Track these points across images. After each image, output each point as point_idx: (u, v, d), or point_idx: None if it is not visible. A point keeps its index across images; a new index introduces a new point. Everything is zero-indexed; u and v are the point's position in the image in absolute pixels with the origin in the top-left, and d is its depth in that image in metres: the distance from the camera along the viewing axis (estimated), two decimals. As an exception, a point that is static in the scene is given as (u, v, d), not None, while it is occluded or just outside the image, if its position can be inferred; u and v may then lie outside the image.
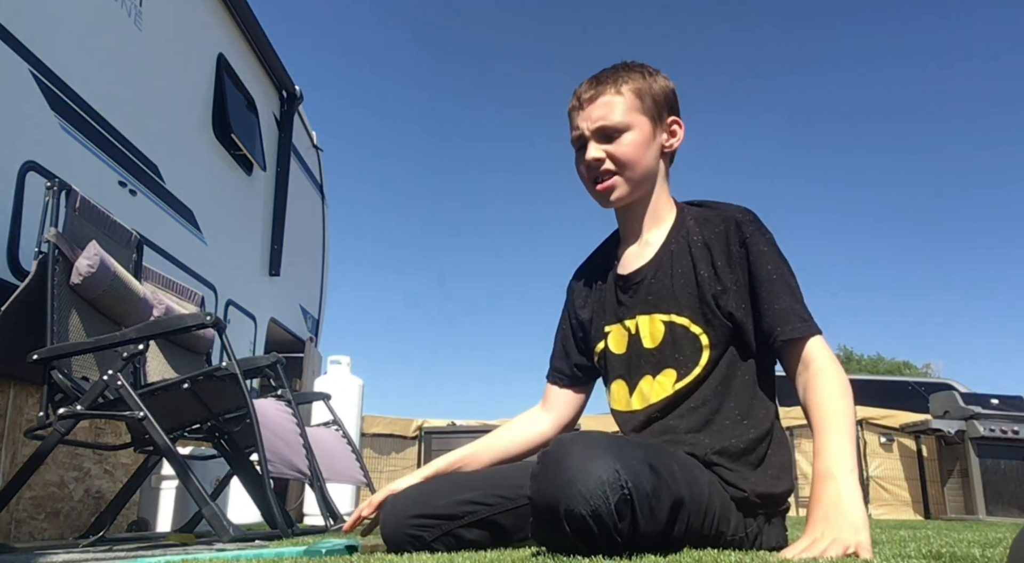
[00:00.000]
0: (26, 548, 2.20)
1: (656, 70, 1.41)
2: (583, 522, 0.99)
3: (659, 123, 1.39)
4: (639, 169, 1.37)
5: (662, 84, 1.40)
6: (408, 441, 7.38)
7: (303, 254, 5.71)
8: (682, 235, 1.37)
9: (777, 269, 1.28)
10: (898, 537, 2.00)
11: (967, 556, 1.11)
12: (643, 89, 1.37)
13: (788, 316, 1.25)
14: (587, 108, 1.37)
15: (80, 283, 2.34)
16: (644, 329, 1.36)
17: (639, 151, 1.36)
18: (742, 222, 1.31)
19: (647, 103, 1.37)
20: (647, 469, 1.04)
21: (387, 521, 1.39)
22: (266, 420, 2.36)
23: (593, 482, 0.99)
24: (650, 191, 1.40)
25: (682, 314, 1.32)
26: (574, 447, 1.04)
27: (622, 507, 0.99)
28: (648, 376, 1.35)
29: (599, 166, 1.37)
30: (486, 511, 1.34)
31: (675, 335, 1.32)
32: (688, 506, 1.10)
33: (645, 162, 1.37)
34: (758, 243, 1.29)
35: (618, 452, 1.03)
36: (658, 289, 1.36)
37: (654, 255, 1.38)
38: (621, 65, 1.41)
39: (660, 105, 1.39)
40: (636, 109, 1.36)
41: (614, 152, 1.36)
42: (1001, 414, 6.32)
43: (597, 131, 1.37)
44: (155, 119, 3.51)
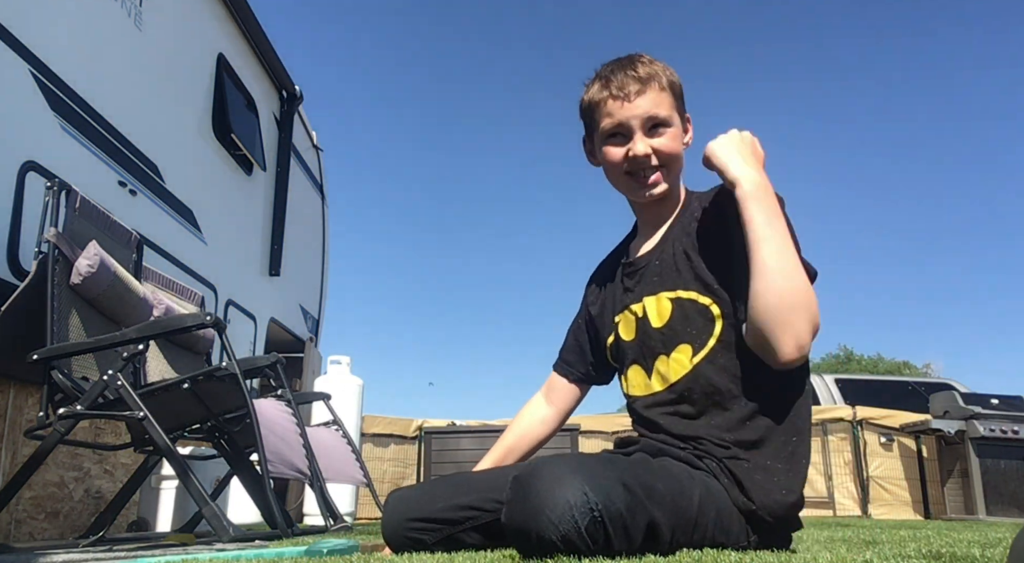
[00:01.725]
0: (26, 548, 2.20)
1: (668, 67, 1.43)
2: (555, 547, 0.98)
3: (682, 120, 1.41)
4: (680, 164, 1.40)
5: (679, 79, 1.42)
6: (408, 441, 7.37)
7: (303, 254, 5.71)
8: (685, 215, 1.39)
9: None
10: (898, 537, 2.00)
11: (967, 556, 1.11)
12: (676, 86, 1.40)
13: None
14: (635, 100, 1.35)
15: (80, 283, 2.34)
16: (651, 310, 1.35)
17: (679, 145, 1.38)
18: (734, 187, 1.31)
19: (679, 101, 1.40)
20: (620, 488, 1.02)
21: (387, 524, 1.38)
22: (266, 420, 2.36)
23: (561, 507, 0.98)
24: (677, 186, 1.44)
25: (688, 288, 1.31)
26: (542, 472, 1.03)
27: (593, 529, 0.98)
28: (663, 356, 1.33)
29: (648, 161, 1.37)
30: (486, 516, 1.33)
31: (684, 310, 1.31)
32: (670, 522, 1.08)
33: (682, 157, 1.40)
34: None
35: (587, 474, 1.02)
36: (661, 268, 1.36)
37: (659, 240, 1.40)
38: (646, 59, 1.40)
39: (682, 101, 1.41)
40: (674, 106, 1.38)
41: (660, 147, 1.36)
42: (1001, 414, 6.32)
43: (647, 123, 1.36)
44: (155, 119, 3.51)
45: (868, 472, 6.78)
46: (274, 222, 5.02)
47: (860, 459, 6.80)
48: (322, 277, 6.25)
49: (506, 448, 1.62)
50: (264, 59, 4.85)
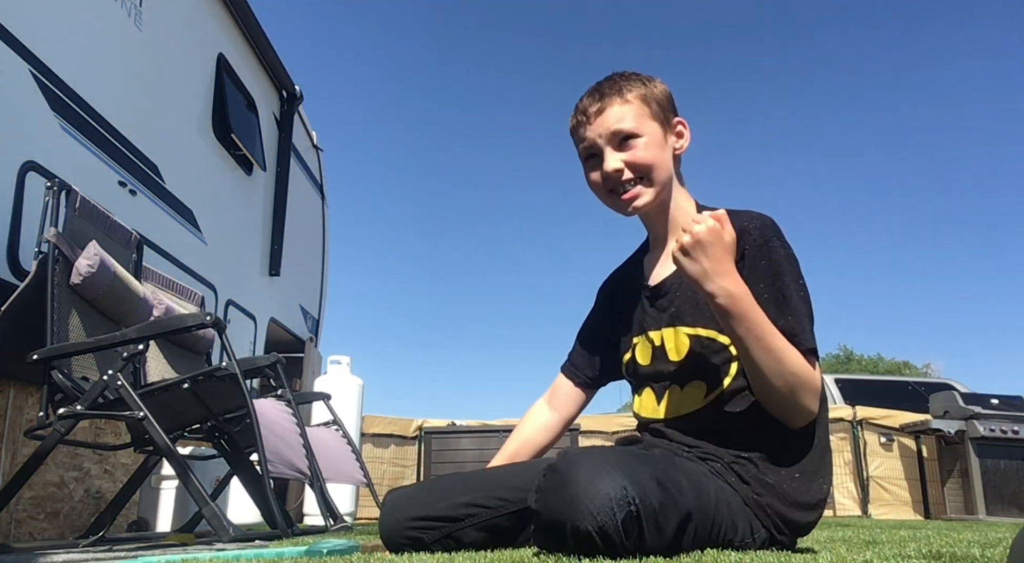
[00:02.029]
0: (26, 548, 2.20)
1: (650, 76, 1.42)
2: (590, 538, 0.99)
3: (667, 126, 1.39)
4: (661, 171, 1.37)
5: (661, 88, 1.40)
6: (408, 441, 7.37)
7: (303, 254, 5.71)
8: None
9: (770, 288, 1.24)
10: (898, 537, 2.00)
11: (967, 556, 1.11)
12: (647, 95, 1.37)
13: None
14: (596, 120, 1.37)
15: (80, 283, 2.34)
16: (669, 342, 1.35)
17: (656, 153, 1.36)
18: (747, 231, 1.28)
19: (654, 108, 1.37)
20: (655, 485, 1.04)
21: (386, 523, 1.38)
22: (266, 420, 2.36)
23: (601, 499, 0.98)
24: (669, 195, 1.41)
25: (708, 326, 1.30)
26: (582, 463, 1.03)
27: (629, 523, 0.99)
28: (676, 387, 1.34)
29: (620, 176, 1.36)
30: (487, 514, 1.33)
31: (702, 347, 1.30)
32: (695, 519, 1.10)
33: (664, 165, 1.37)
34: (756, 257, 1.26)
35: (626, 468, 1.03)
36: (682, 301, 1.34)
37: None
38: (618, 75, 1.41)
39: (665, 108, 1.39)
40: (645, 115, 1.36)
41: (632, 159, 1.35)
42: (1001, 414, 6.32)
43: (612, 139, 1.36)
44: (155, 119, 3.51)
45: (868, 472, 6.78)
46: (274, 222, 5.02)
47: (860, 459, 6.80)
48: (322, 277, 6.25)
49: (509, 455, 1.61)
50: (264, 59, 4.85)
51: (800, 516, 1.25)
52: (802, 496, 1.24)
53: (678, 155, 1.42)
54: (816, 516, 1.27)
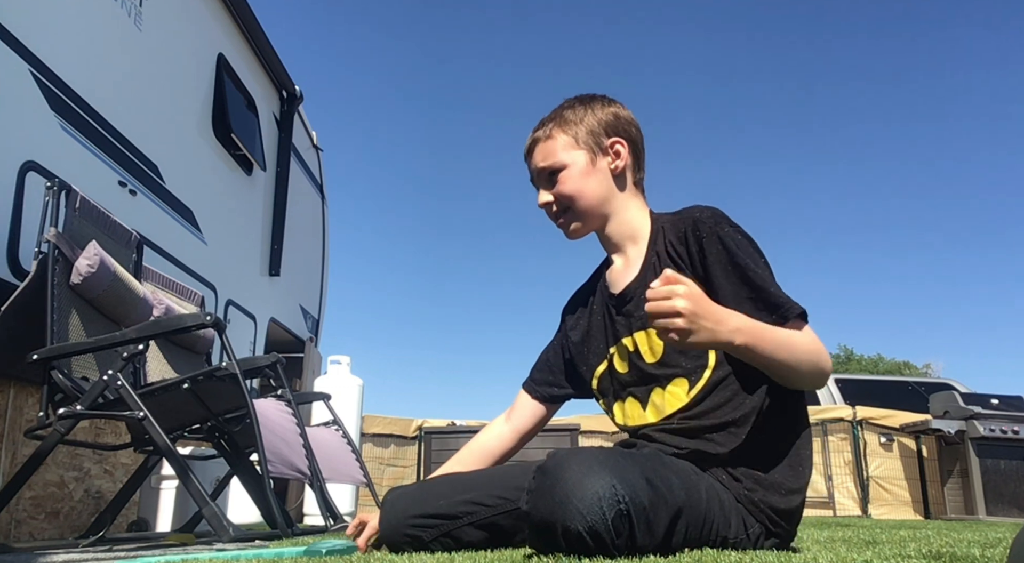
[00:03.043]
0: (26, 548, 2.20)
1: (594, 99, 1.45)
2: (580, 538, 0.99)
3: (597, 151, 1.42)
4: (583, 201, 1.41)
5: (597, 114, 1.43)
6: (408, 441, 7.37)
7: (303, 254, 5.71)
8: (660, 245, 1.39)
9: (728, 272, 1.27)
10: (898, 537, 2.00)
11: (967, 556, 1.11)
12: (572, 124, 1.43)
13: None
14: (528, 158, 1.47)
15: (80, 283, 2.34)
16: (643, 345, 1.36)
17: (578, 184, 1.41)
18: (699, 221, 1.31)
19: (581, 136, 1.42)
20: (644, 483, 1.04)
21: (386, 520, 1.39)
22: (266, 420, 2.36)
23: (590, 498, 0.98)
24: (610, 214, 1.44)
25: None
26: (571, 462, 1.03)
27: (619, 522, 0.99)
28: (658, 388, 1.34)
29: (549, 209, 1.45)
30: (486, 512, 1.34)
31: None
32: (686, 517, 1.10)
33: (588, 192, 1.41)
34: (711, 244, 1.29)
35: (615, 467, 1.03)
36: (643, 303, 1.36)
37: (639, 271, 1.40)
38: (559, 106, 1.47)
39: (596, 134, 1.42)
40: (570, 146, 1.42)
41: (556, 192, 1.42)
42: (1001, 414, 6.32)
43: (538, 177, 1.45)
44: (155, 119, 3.51)
45: (868, 472, 6.78)
46: (274, 222, 5.02)
47: (860, 459, 6.80)
48: (322, 277, 6.25)
49: (458, 461, 1.64)
50: (264, 59, 4.85)
51: (788, 502, 1.26)
52: (790, 482, 1.26)
53: (617, 174, 1.43)
54: (801, 499, 1.29)
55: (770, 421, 1.27)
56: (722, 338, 1.13)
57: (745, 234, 1.30)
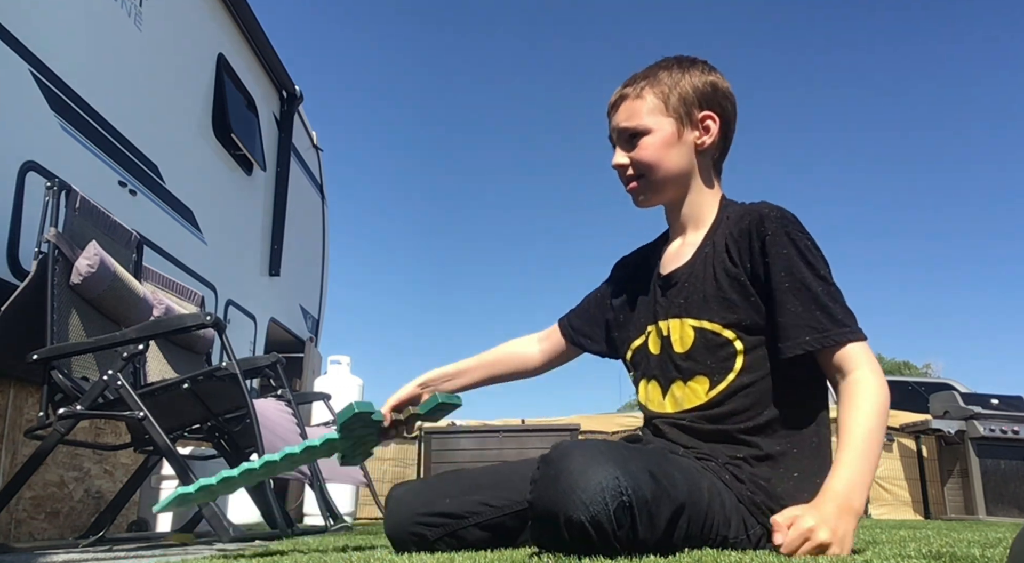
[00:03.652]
0: (26, 548, 2.20)
1: (694, 64, 1.38)
2: (582, 529, 0.98)
3: (686, 122, 1.35)
4: (660, 172, 1.35)
5: (694, 81, 1.36)
6: (408, 441, 7.37)
7: (303, 254, 5.71)
8: (718, 236, 1.33)
9: (791, 275, 1.21)
10: (898, 537, 1.99)
11: (967, 556, 1.11)
12: (667, 89, 1.35)
13: (793, 329, 1.20)
14: (613, 113, 1.39)
15: (80, 283, 2.34)
16: (675, 333, 1.33)
17: (659, 153, 1.34)
18: (766, 218, 1.25)
19: (672, 103, 1.34)
20: (647, 476, 1.03)
21: (391, 517, 1.38)
22: (266, 420, 2.36)
23: (593, 488, 0.98)
24: (684, 191, 1.38)
25: (713, 320, 1.28)
26: (575, 453, 1.03)
27: (621, 514, 0.99)
28: (679, 381, 1.32)
29: (624, 171, 1.38)
30: (493, 512, 1.33)
31: (706, 341, 1.28)
32: (688, 512, 1.09)
33: (668, 163, 1.35)
34: (776, 244, 1.23)
35: (618, 459, 1.02)
36: (689, 292, 1.32)
37: (690, 257, 1.35)
38: (655, 64, 1.39)
39: (689, 103, 1.35)
40: (658, 111, 1.35)
41: (635, 157, 1.36)
42: (1001, 414, 6.31)
43: (620, 136, 1.38)
44: (155, 119, 3.51)
45: (868, 472, 6.77)
46: (274, 222, 5.02)
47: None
48: (322, 277, 6.25)
49: (481, 363, 1.61)
50: (264, 59, 4.85)
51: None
52: (797, 498, 1.22)
53: (702, 150, 1.37)
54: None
55: (786, 437, 1.25)
56: (858, 514, 1.09)
57: (812, 241, 1.25)
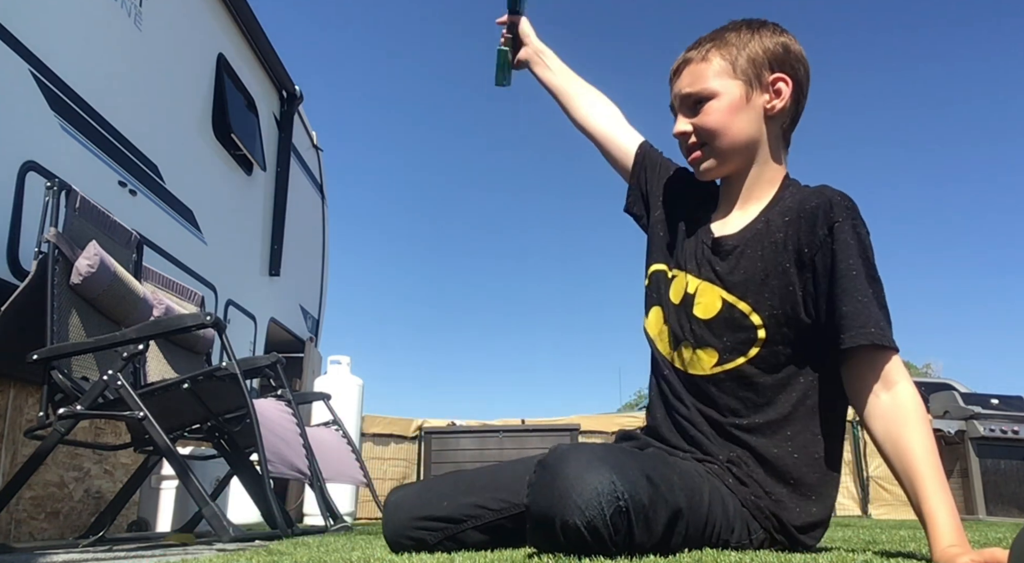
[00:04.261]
0: (26, 548, 2.20)
1: (764, 26, 1.32)
2: (578, 533, 0.98)
3: (756, 85, 1.29)
4: (727, 138, 1.29)
5: (764, 42, 1.30)
6: (408, 441, 7.38)
7: (303, 254, 5.71)
8: (774, 214, 1.27)
9: (857, 266, 1.16)
10: (898, 537, 1.99)
11: (967, 556, 1.11)
12: (735, 51, 1.29)
13: (861, 319, 1.13)
14: (676, 78, 1.34)
15: (80, 283, 2.34)
16: (702, 296, 1.29)
17: (725, 118, 1.28)
18: (836, 205, 1.19)
19: (740, 65, 1.29)
20: (644, 480, 1.03)
21: (390, 522, 1.37)
22: (266, 420, 2.36)
23: (589, 493, 0.98)
24: (750, 161, 1.32)
25: (745, 299, 1.23)
26: (571, 457, 1.03)
27: (617, 519, 0.98)
28: (689, 344, 1.29)
29: (686, 139, 1.32)
30: (491, 515, 1.32)
31: (731, 317, 1.24)
32: (686, 517, 1.09)
33: (735, 129, 1.29)
34: (845, 231, 1.17)
35: (615, 463, 1.02)
36: (731, 266, 1.27)
37: (741, 229, 1.30)
38: (727, 25, 1.34)
39: (758, 65, 1.29)
40: (725, 73, 1.29)
41: (698, 123, 1.30)
42: (1001, 414, 6.33)
43: (683, 102, 1.32)
44: (155, 119, 3.51)
45: (868, 472, 6.78)
46: (274, 222, 5.02)
47: (860, 459, 6.80)
48: (322, 277, 6.25)
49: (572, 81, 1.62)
50: (264, 59, 4.85)
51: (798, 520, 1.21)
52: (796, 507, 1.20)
53: (772, 116, 1.30)
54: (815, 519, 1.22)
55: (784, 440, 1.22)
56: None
57: (870, 239, 1.21)
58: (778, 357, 1.23)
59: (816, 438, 1.23)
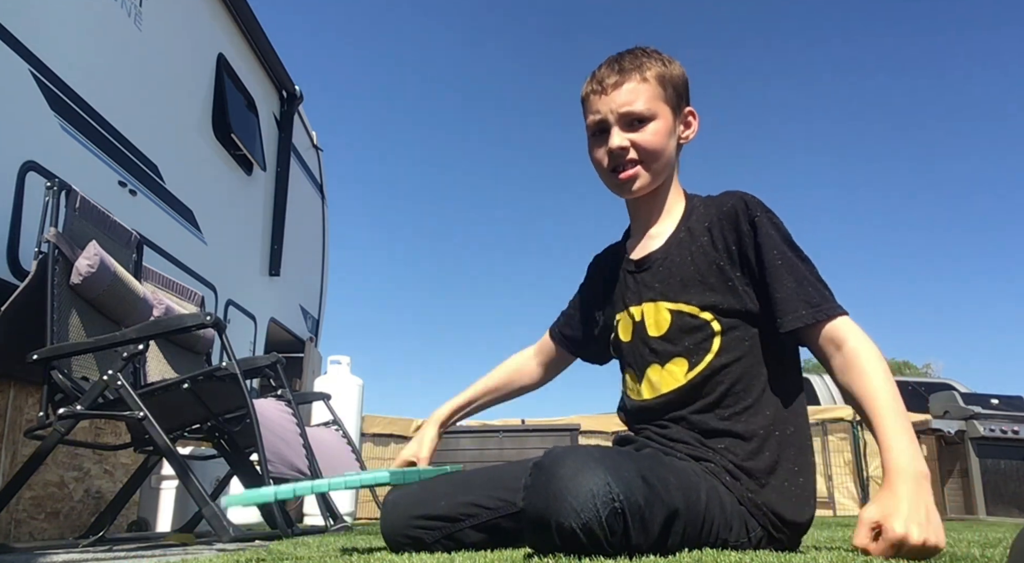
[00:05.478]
0: (26, 548, 2.20)
1: (671, 57, 1.38)
2: (574, 535, 0.98)
3: (678, 113, 1.37)
4: (662, 159, 1.34)
5: (679, 72, 1.37)
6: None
7: (303, 254, 5.71)
8: (692, 221, 1.35)
9: (782, 254, 1.23)
10: (898, 537, 1.99)
11: (967, 556, 1.11)
12: (666, 77, 1.34)
13: (790, 304, 1.21)
14: (611, 93, 1.34)
15: (80, 283, 2.34)
16: (649, 317, 1.33)
17: (663, 141, 1.34)
18: (750, 203, 1.28)
19: (669, 92, 1.34)
20: (640, 481, 1.03)
21: (387, 521, 1.38)
22: (266, 420, 2.36)
23: (584, 495, 0.98)
24: (667, 183, 1.39)
25: (690, 302, 1.28)
26: (566, 459, 1.03)
27: (613, 520, 0.98)
28: (656, 365, 1.32)
29: (624, 155, 1.34)
30: (488, 514, 1.33)
31: (683, 323, 1.29)
32: (683, 517, 1.09)
33: (667, 152, 1.35)
34: (765, 225, 1.25)
35: (610, 465, 1.02)
36: (665, 276, 1.33)
37: (664, 242, 1.36)
38: (639, 50, 1.37)
39: (680, 94, 1.37)
40: (660, 97, 1.34)
41: (639, 141, 1.33)
42: (1001, 414, 6.32)
43: (622, 118, 1.33)
44: (155, 119, 3.51)
45: (868, 472, 6.78)
46: (274, 222, 5.02)
47: (860, 459, 6.81)
48: (322, 277, 6.25)
49: (487, 389, 1.67)
50: (264, 59, 4.85)
51: (798, 514, 1.23)
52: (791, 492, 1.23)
53: (682, 144, 1.39)
54: (810, 514, 1.26)
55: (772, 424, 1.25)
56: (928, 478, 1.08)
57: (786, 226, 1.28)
58: (739, 344, 1.27)
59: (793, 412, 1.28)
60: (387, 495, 1.45)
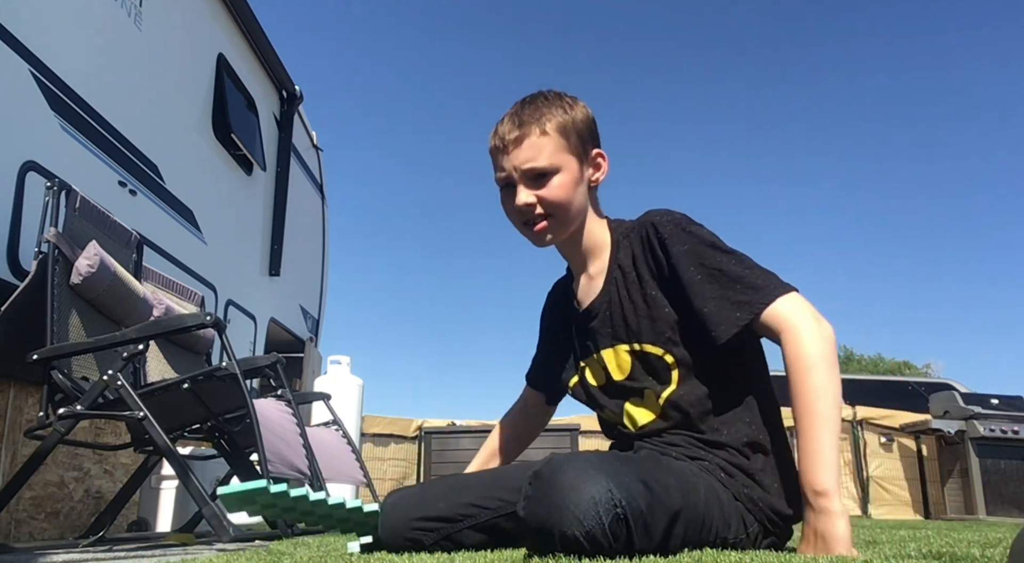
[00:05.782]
0: (26, 548, 2.20)
1: (574, 99, 1.38)
2: (577, 544, 0.98)
3: (585, 159, 1.36)
4: (572, 211, 1.34)
5: (582, 116, 1.36)
6: (408, 441, 7.37)
7: (303, 254, 5.71)
8: (619, 259, 1.36)
9: (699, 267, 1.24)
10: (898, 537, 1.99)
11: (967, 556, 1.11)
12: (567, 126, 1.33)
13: (722, 313, 1.22)
14: (512, 151, 1.33)
15: (80, 283, 2.34)
16: (611, 363, 1.36)
17: (569, 192, 1.33)
18: (657, 224, 1.29)
19: (572, 141, 1.33)
20: (640, 486, 1.03)
21: (387, 523, 1.38)
22: (266, 420, 2.36)
23: (586, 503, 0.98)
24: (582, 226, 1.39)
25: (642, 341, 1.31)
26: (566, 468, 1.03)
27: (616, 526, 0.98)
28: (628, 403, 1.36)
29: (532, 210, 1.34)
30: (487, 515, 1.33)
31: (644, 362, 1.32)
32: (684, 518, 1.09)
33: (576, 202, 1.34)
34: (675, 244, 1.27)
35: (610, 471, 1.03)
36: (613, 321, 1.35)
37: (602, 288, 1.38)
38: (540, 98, 1.36)
39: (584, 140, 1.35)
40: (563, 149, 1.32)
41: (545, 196, 1.32)
42: (1001, 414, 6.33)
43: (526, 174, 1.33)
44: (155, 119, 3.51)
45: (868, 472, 6.78)
46: (274, 222, 5.02)
47: (860, 459, 6.81)
48: (322, 277, 6.26)
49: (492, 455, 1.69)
50: (264, 59, 4.85)
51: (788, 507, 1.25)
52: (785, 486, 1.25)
53: (594, 186, 1.40)
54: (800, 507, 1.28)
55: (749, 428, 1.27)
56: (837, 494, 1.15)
57: (706, 230, 1.28)
58: (701, 368, 1.28)
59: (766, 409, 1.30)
60: (386, 498, 1.45)
